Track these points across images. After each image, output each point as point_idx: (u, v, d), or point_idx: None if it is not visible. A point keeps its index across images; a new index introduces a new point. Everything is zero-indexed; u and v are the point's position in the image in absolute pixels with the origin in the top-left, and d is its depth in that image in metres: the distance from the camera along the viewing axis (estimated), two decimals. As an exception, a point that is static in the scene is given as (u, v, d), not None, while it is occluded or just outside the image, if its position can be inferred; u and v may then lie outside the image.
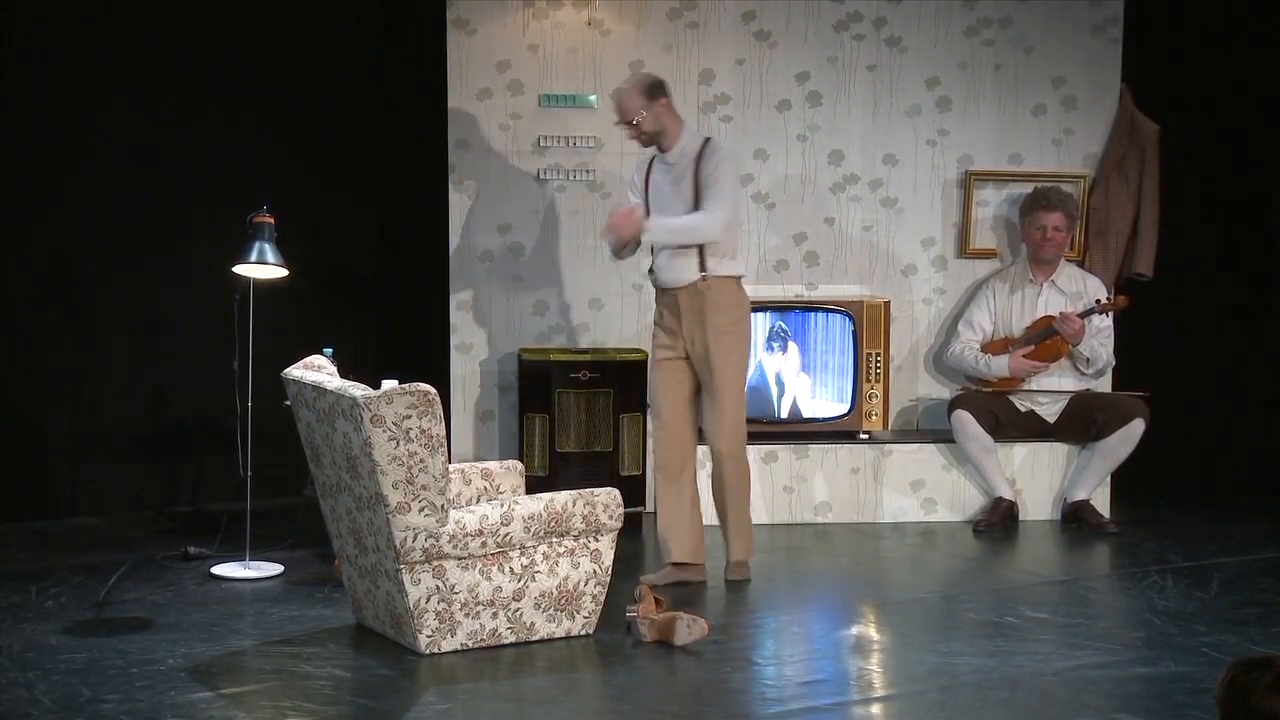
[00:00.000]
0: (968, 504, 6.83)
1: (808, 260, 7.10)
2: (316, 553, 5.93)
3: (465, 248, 6.94)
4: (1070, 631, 5.15)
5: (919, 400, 7.17)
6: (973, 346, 6.87)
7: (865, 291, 7.07)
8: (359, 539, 4.83)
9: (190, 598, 5.44)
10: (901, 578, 5.96)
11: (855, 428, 6.83)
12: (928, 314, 7.18)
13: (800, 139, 7.05)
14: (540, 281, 6.99)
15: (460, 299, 6.96)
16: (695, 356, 5.57)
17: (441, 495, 4.63)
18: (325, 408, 4.74)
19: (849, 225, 7.11)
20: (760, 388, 6.79)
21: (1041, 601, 5.51)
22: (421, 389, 4.60)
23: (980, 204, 7.14)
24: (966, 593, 5.63)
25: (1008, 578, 5.95)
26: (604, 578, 4.94)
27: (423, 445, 4.59)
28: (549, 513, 4.83)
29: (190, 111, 6.79)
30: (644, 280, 6.98)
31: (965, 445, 6.71)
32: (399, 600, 4.73)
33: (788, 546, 6.43)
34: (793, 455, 6.79)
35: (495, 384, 6.97)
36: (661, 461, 5.56)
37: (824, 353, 6.86)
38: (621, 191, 7.00)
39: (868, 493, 6.81)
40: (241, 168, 6.79)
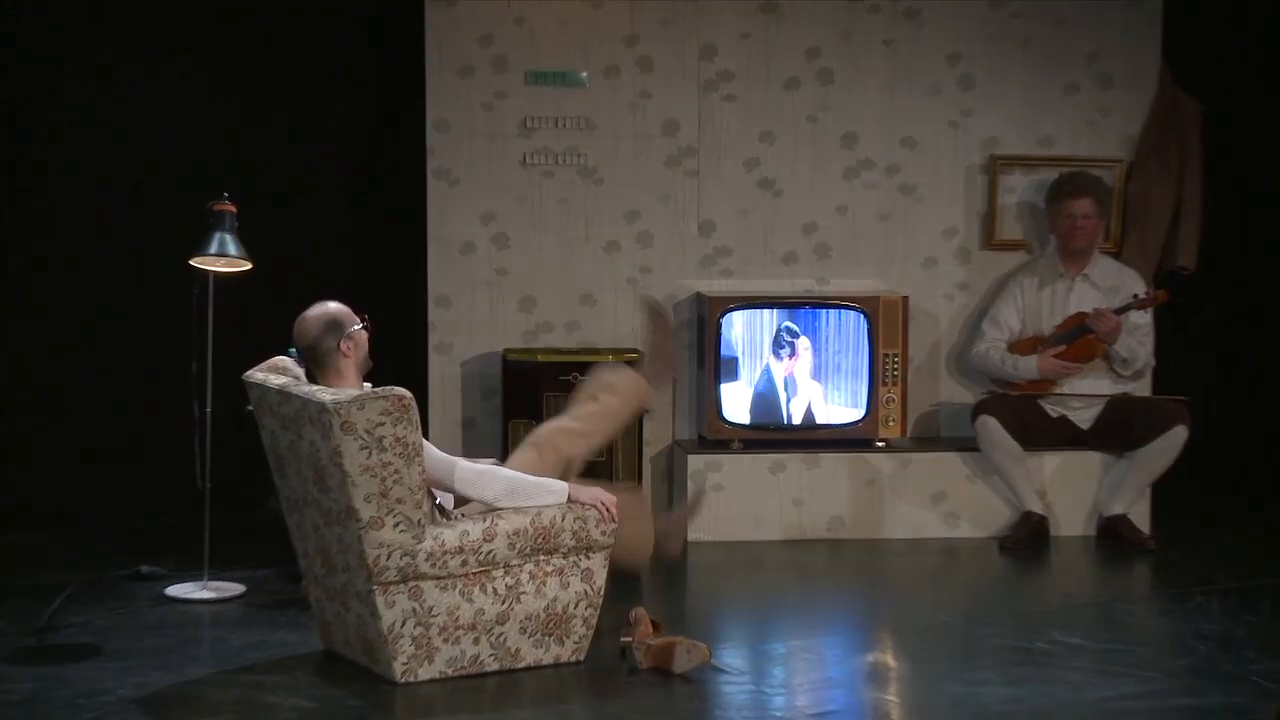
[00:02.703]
0: (993, 518, 6.82)
1: (818, 253, 7.09)
2: (281, 572, 5.91)
3: (444, 239, 6.92)
4: (1106, 658, 5.13)
5: (940, 405, 7.16)
6: (999, 346, 6.86)
7: (881, 286, 7.06)
8: (328, 557, 4.81)
9: (142, 621, 5.42)
10: (921, 599, 5.95)
11: (870, 435, 6.82)
12: (949, 311, 7.17)
13: (810, 120, 7.04)
14: (527, 275, 6.97)
15: (439, 294, 6.94)
16: None
17: (418, 509, 4.61)
18: (290, 413, 4.71)
19: (863, 214, 7.10)
20: (767, 393, 6.78)
21: (1075, 625, 5.49)
22: (396, 393, 4.58)
23: (1007, 191, 7.13)
24: (992, 616, 5.62)
25: (1038, 599, 5.94)
26: (596, 599, 4.92)
27: (398, 455, 4.57)
28: (536, 528, 4.81)
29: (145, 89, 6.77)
30: (640, 275, 6.98)
31: (991, 454, 6.70)
32: (371, 624, 4.70)
33: (797, 564, 6.42)
34: (802, 465, 6.78)
35: (477, 387, 6.95)
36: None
37: (836, 353, 6.85)
38: (615, 176, 6.99)
39: (884, 506, 6.80)
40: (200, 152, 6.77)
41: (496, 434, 6.83)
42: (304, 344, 4.77)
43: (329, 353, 4.76)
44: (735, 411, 6.76)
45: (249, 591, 5.76)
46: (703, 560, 6.29)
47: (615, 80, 6.94)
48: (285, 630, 5.32)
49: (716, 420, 6.74)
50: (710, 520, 6.73)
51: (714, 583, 5.62)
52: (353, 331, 4.81)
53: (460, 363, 6.96)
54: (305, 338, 4.77)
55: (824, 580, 6.25)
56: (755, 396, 6.79)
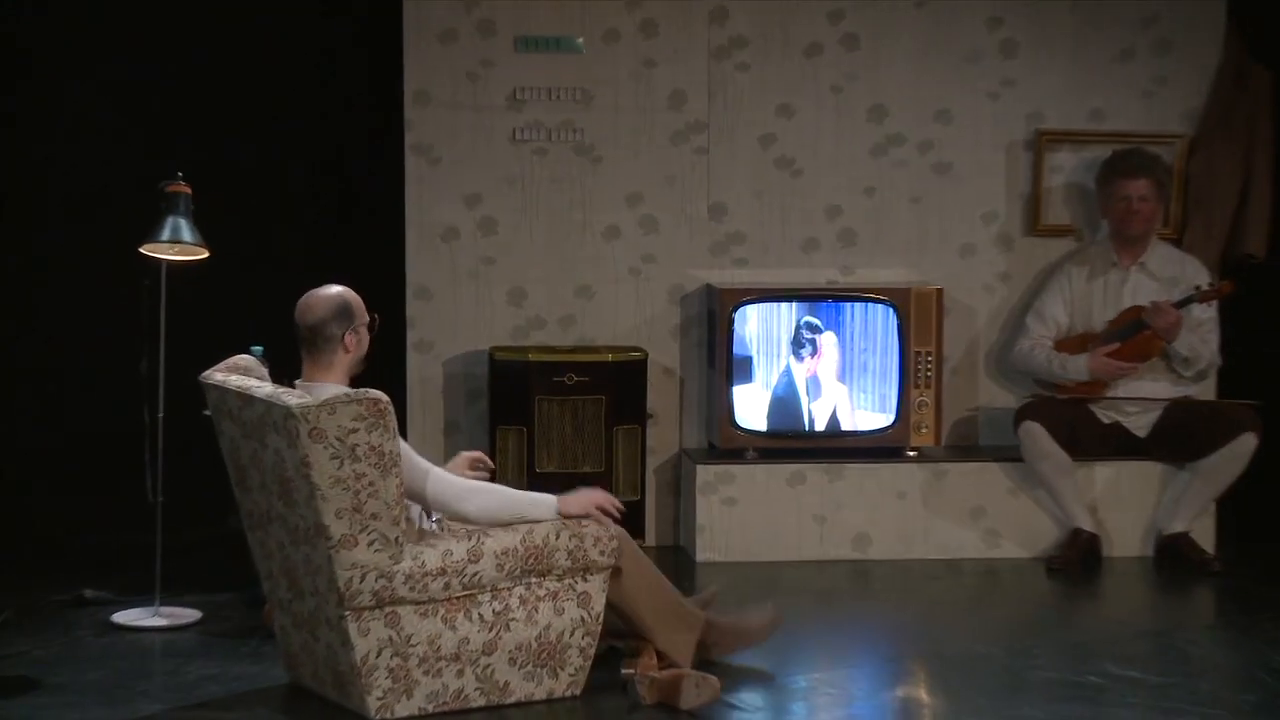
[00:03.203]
0: (1039, 537, 6.82)
1: (843, 239, 7.09)
2: (242, 597, 5.91)
3: (424, 224, 6.93)
4: (1165, 693, 5.13)
5: (979, 410, 7.16)
6: (1045, 344, 6.86)
7: (913, 277, 7.06)
8: (294, 580, 4.81)
9: (87, 651, 5.41)
10: (958, 627, 5.94)
11: (901, 443, 6.82)
12: (989, 304, 7.17)
13: (834, 91, 7.04)
14: (516, 265, 6.97)
15: (418, 286, 6.95)
16: None
17: (395, 526, 4.62)
18: (253, 419, 4.72)
19: (893, 196, 7.10)
20: (787, 397, 6.78)
21: (1130, 656, 5.49)
22: (371, 396, 4.58)
23: (1053, 170, 7.13)
24: (1038, 645, 5.62)
25: (1089, 627, 5.94)
26: (594, 627, 4.92)
27: (372, 465, 4.57)
28: (527, 547, 4.81)
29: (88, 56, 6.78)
30: (643, 265, 6.98)
31: (1036, 465, 6.70)
32: (343, 655, 4.71)
33: (818, 588, 6.41)
34: (825, 476, 6.78)
35: (461, 390, 6.96)
36: None
37: (862, 352, 6.84)
38: (616, 154, 6.99)
39: (917, 522, 6.80)
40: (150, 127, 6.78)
41: (483, 442, 6.83)
42: (305, 322, 4.77)
43: (329, 340, 4.77)
44: (750, 416, 6.76)
45: (206, 618, 5.76)
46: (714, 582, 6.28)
47: (615, 47, 6.94)
48: (247, 662, 5.31)
49: (729, 426, 6.74)
50: (721, 538, 6.73)
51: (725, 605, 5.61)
52: (360, 326, 4.83)
53: (442, 362, 6.96)
54: (310, 316, 4.78)
55: (848, 606, 6.25)
56: (773, 400, 6.78)
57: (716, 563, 6.68)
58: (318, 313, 4.78)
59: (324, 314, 4.77)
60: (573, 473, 6.62)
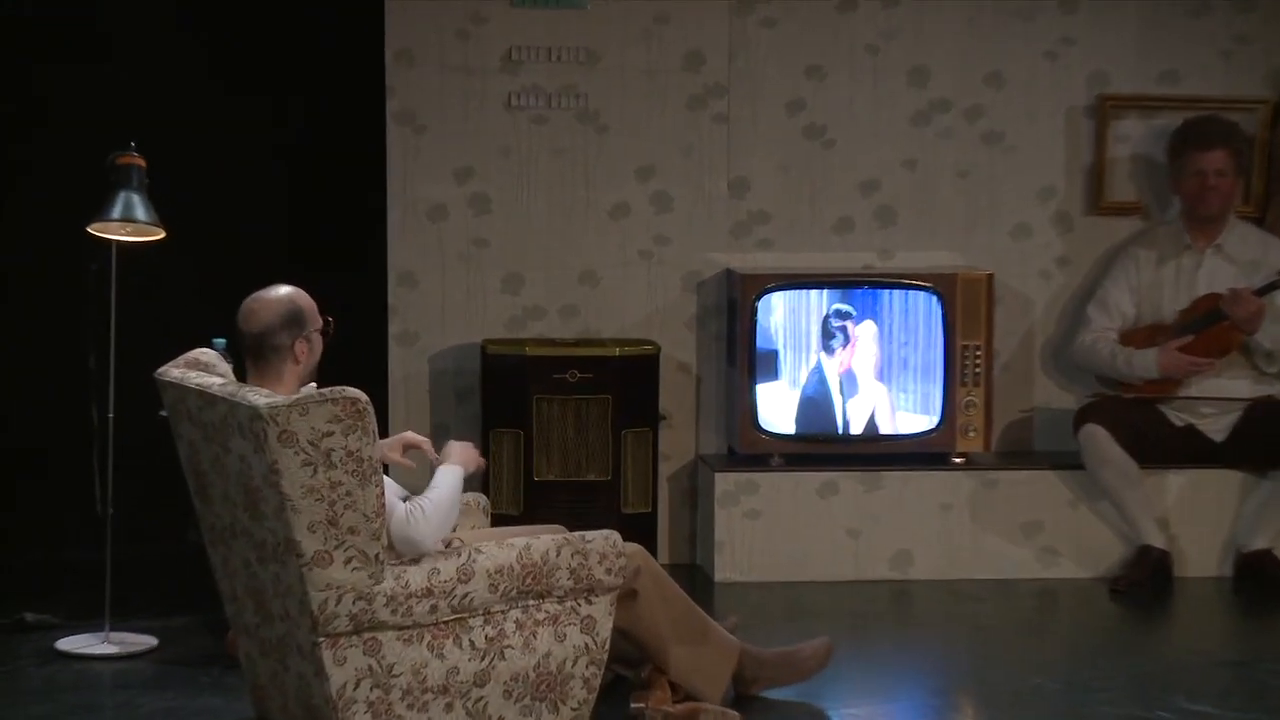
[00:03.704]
0: (1102, 554, 6.81)
1: (880, 218, 7.08)
2: (202, 620, 5.91)
3: (408, 201, 6.92)
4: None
5: (1034, 411, 7.15)
6: (1109, 337, 6.85)
7: (959, 261, 7.05)
8: (261, 602, 4.80)
9: (28, 683, 5.41)
10: (1011, 656, 5.93)
11: (946, 448, 6.81)
12: (1046, 292, 7.16)
13: (870, 51, 7.03)
14: (512, 247, 6.97)
15: (402, 271, 6.94)
16: None
17: (376, 541, 4.61)
18: (215, 421, 4.71)
19: (937, 170, 7.09)
20: (818, 396, 6.77)
21: (1205, 690, 5.49)
22: (348, 395, 4.57)
23: (1119, 140, 7.12)
24: (1101, 677, 5.61)
25: (1158, 657, 5.94)
26: (599, 655, 4.91)
27: (350, 472, 4.56)
28: (524, 565, 4.81)
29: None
30: (655, 247, 6.97)
31: (1099, 473, 6.69)
32: (317, 686, 4.70)
33: (853, 611, 6.40)
34: (860, 486, 6.76)
35: (450, 388, 6.95)
36: None
37: (903, 345, 6.84)
38: (624, 122, 6.97)
39: (964, 538, 6.79)
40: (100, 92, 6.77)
41: (474, 447, 6.84)
42: (250, 330, 4.74)
43: (277, 350, 4.75)
44: (775, 418, 6.75)
45: (161, 645, 5.75)
46: (734, 606, 6.28)
47: (624, 0, 6.93)
48: (208, 694, 5.31)
49: (751, 429, 6.73)
50: (743, 556, 6.72)
51: (749, 634, 5.60)
52: (312, 333, 4.80)
53: (428, 357, 6.95)
54: (254, 323, 4.75)
55: (887, 632, 6.24)
56: (802, 400, 6.77)
57: (737, 583, 6.67)
58: (264, 319, 4.75)
59: (271, 320, 4.74)
60: (575, 481, 6.62)
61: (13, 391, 6.87)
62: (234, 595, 4.92)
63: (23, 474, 6.86)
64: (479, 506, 5.39)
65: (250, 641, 4.92)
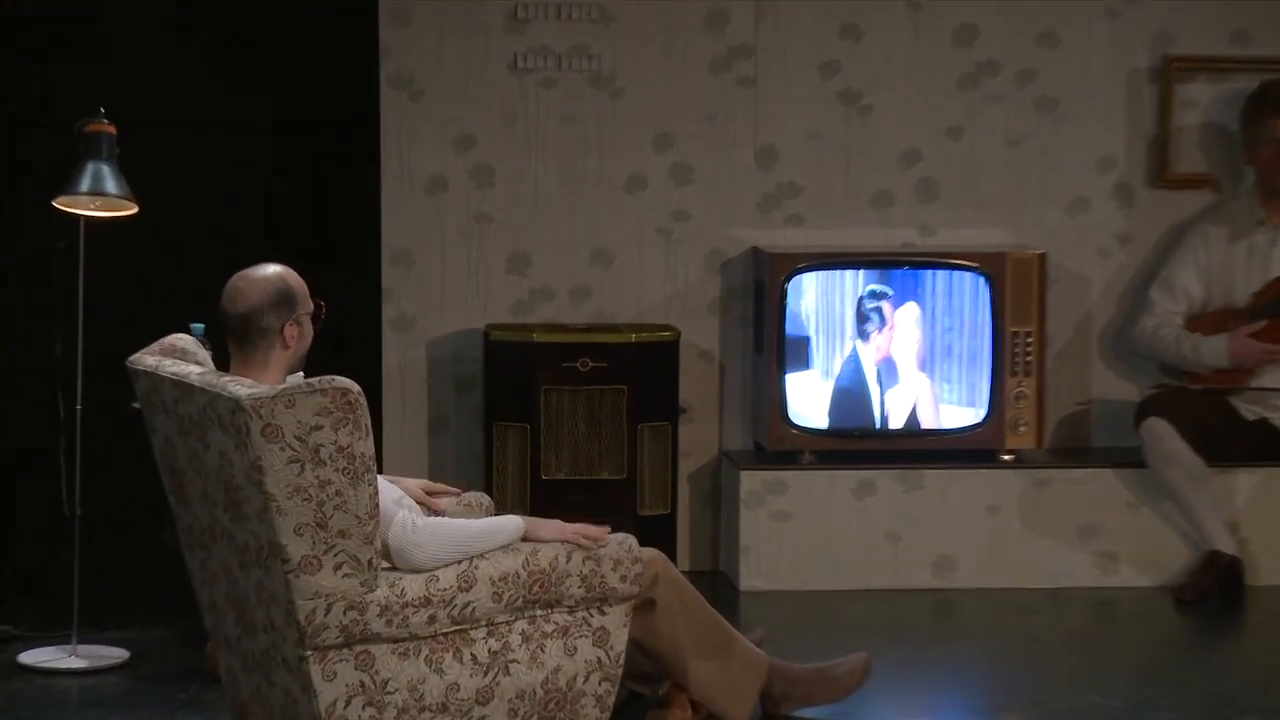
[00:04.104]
0: (1166, 560, 6.81)
1: (922, 192, 7.07)
2: (178, 632, 5.92)
3: (404, 172, 6.93)
4: (1324, 754, 5.13)
5: (1090, 404, 7.15)
6: (1174, 322, 6.84)
7: (1009, 239, 7.04)
8: (244, 612, 4.81)
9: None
10: (1066, 672, 5.93)
11: (994, 444, 6.81)
12: (1104, 272, 7.15)
13: (911, 7, 7.03)
14: (518, 223, 6.97)
15: (397, 249, 6.95)
16: None
17: (369, 546, 4.61)
18: (193, 413, 4.71)
19: (985, 139, 7.08)
20: (853, 387, 6.76)
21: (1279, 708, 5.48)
22: (338, 386, 4.57)
23: (1186, 106, 7.12)
24: (1165, 695, 5.61)
25: (1228, 672, 5.94)
26: (613, 670, 4.92)
27: (340, 470, 4.56)
28: (531, 572, 4.81)
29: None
30: (674, 223, 6.97)
31: (1163, 471, 6.69)
32: (304, 704, 4.71)
33: (892, 623, 6.41)
34: (900, 486, 6.76)
35: (449, 378, 6.96)
36: None
37: (946, 331, 6.83)
38: (641, 86, 6.96)
39: (1013, 543, 6.79)
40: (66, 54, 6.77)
41: (475, 443, 6.83)
42: (236, 310, 4.74)
43: (265, 333, 4.75)
44: (807, 411, 6.74)
45: (134, 659, 5.76)
46: (762, 617, 6.28)
47: (641, -48, 6.95)
48: (185, 712, 5.31)
49: (780, 424, 6.73)
50: (771, 562, 6.72)
51: (777, 647, 5.60)
52: (303, 316, 4.80)
53: (426, 344, 6.96)
54: (241, 303, 4.75)
55: (929, 646, 6.24)
56: (836, 391, 6.77)
57: (764, 592, 6.67)
58: (251, 298, 4.75)
59: (259, 300, 4.74)
60: (587, 480, 6.62)
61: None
62: (213, 604, 4.93)
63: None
64: (481, 506, 5.39)
65: (231, 655, 4.93)
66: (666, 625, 4.99)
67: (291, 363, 4.84)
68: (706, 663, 5.05)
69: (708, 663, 5.06)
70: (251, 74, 7.19)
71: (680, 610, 5.01)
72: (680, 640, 5.02)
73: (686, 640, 5.02)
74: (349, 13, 6.99)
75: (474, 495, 5.40)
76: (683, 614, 5.01)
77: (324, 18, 7.15)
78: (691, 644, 5.03)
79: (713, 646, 5.07)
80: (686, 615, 5.02)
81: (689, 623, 5.02)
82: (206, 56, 7.16)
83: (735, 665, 5.11)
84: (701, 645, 5.04)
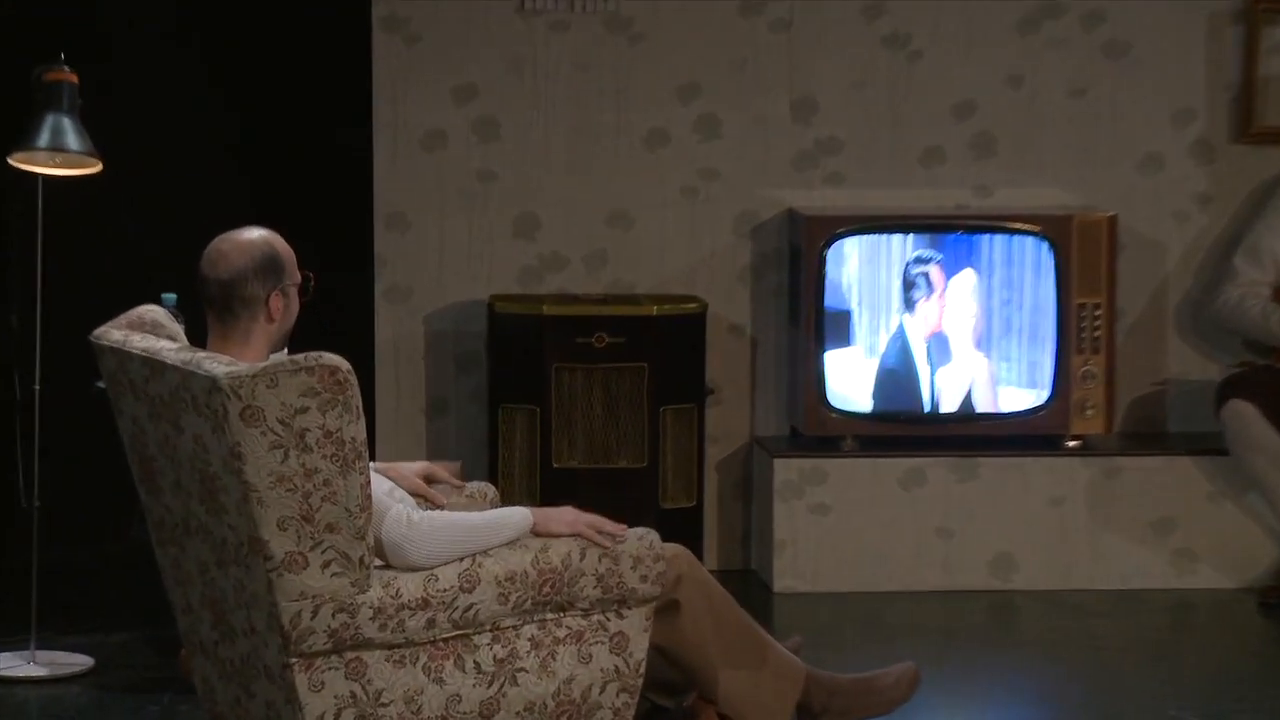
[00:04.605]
0: (1250, 559, 6.82)
1: (976, 148, 7.08)
2: (148, 636, 5.94)
3: (399, 126, 6.93)
4: None
5: (1166, 384, 7.16)
6: (1260, 293, 6.84)
7: (1075, 200, 7.04)
8: (221, 614, 4.83)
9: (-61, 713, 5.45)
10: (1138, 683, 5.94)
11: (1059, 429, 6.82)
12: (1182, 238, 7.15)
13: (966, -59, 7.04)
14: (526, 182, 6.98)
15: (391, 212, 6.96)
16: None
17: (360, 541, 4.62)
18: (164, 394, 4.72)
19: (1047, 87, 7.08)
20: (899, 366, 6.77)
21: (1377, 724, 5.50)
22: (326, 364, 4.58)
23: (1273, 53, 7.11)
24: (1248, 708, 5.61)
25: (1319, 684, 5.95)
26: (633, 680, 4.93)
27: (328, 457, 4.57)
28: (541, 571, 4.82)
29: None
30: (701, 183, 6.97)
31: (1248, 459, 6.69)
32: (288, 716, 4.72)
33: (944, 628, 6.42)
34: (953, 475, 6.78)
35: (450, 355, 6.98)
36: None
37: (1004, 303, 6.84)
38: (663, 30, 6.96)
39: (1079, 539, 6.80)
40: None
41: (479, 427, 6.85)
42: (217, 276, 4.76)
43: (249, 304, 4.76)
44: (848, 393, 6.76)
45: (100, 666, 5.77)
46: (799, 621, 6.29)
47: (663, -120, 6.96)
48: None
49: (819, 406, 6.74)
50: (808, 560, 6.73)
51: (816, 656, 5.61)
52: (290, 286, 4.81)
53: (423, 317, 6.98)
54: (223, 268, 4.76)
55: (986, 654, 6.25)
56: (881, 370, 6.78)
57: (801, 594, 6.69)
58: (235, 264, 4.76)
59: (243, 266, 4.75)
60: (603, 469, 6.63)
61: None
62: (188, 606, 4.95)
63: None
64: (485, 498, 5.40)
65: (207, 663, 4.95)
66: (692, 630, 5.00)
67: (275, 338, 4.85)
68: (736, 672, 5.07)
69: (738, 672, 5.07)
70: (230, 16, 7.19)
71: (707, 613, 5.02)
72: (707, 647, 5.03)
73: (714, 647, 5.03)
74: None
75: (477, 486, 5.41)
76: (710, 617, 5.03)
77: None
78: (720, 651, 5.04)
79: (743, 654, 5.08)
80: (714, 619, 5.04)
81: (717, 627, 5.04)
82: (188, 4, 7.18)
83: (768, 675, 5.12)
84: (731, 653, 5.06)
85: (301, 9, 7.19)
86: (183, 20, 7.15)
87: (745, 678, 5.07)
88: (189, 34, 7.14)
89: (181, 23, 7.15)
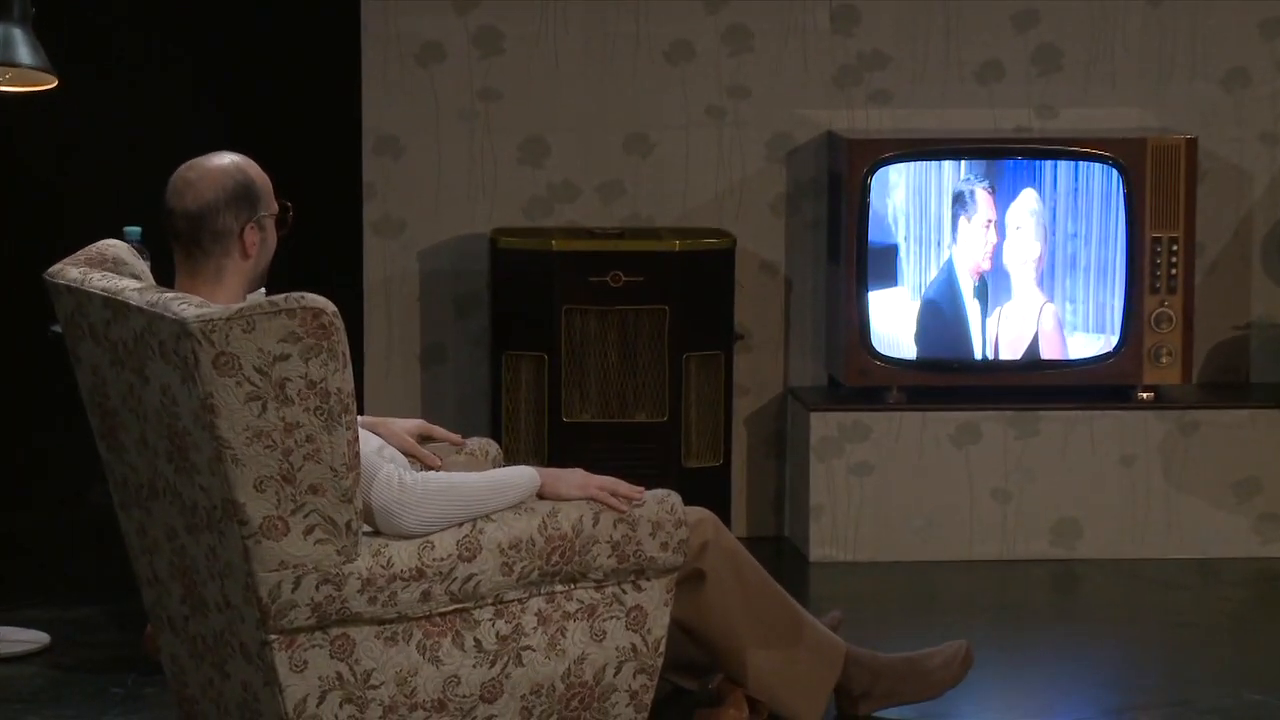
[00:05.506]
0: (1343, 525, 6.83)
1: (1038, 62, 7.08)
2: (110, 611, 5.96)
3: (389, 38, 6.94)
4: None
5: (1250, 328, 7.17)
6: (1356, 226, 6.84)
7: (1150, 121, 7.04)
8: (192, 586, 4.84)
9: (-122, 694, 5.48)
10: (1217, 663, 5.95)
11: (1130, 379, 6.83)
12: (1270, 164, 7.15)
13: None
14: (534, 102, 6.99)
15: (381, 135, 6.97)
16: None
17: (347, 505, 4.63)
18: (128, 340, 4.73)
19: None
20: (945, 305, 6.77)
21: None
22: (309, 305, 4.58)
23: (1372, -46, 7.11)
24: (1341, 693, 5.64)
25: None
26: (651, 660, 4.94)
27: (312, 410, 4.58)
28: (548, 538, 4.83)
29: None
30: (729, 102, 6.96)
31: (1340, 414, 6.70)
32: (267, 700, 4.74)
33: (1002, 603, 6.45)
34: (1010, 431, 6.79)
35: (448, 295, 6.99)
36: None
37: (1070, 238, 6.84)
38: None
39: (1153, 502, 6.81)
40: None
41: (481, 375, 6.87)
42: (184, 207, 4.76)
43: (219, 237, 4.76)
44: (894, 338, 6.77)
45: (56, 645, 5.80)
46: (840, 593, 6.31)
47: None
48: (118, 710, 5.35)
49: (861, 354, 6.75)
50: (848, 526, 6.74)
51: (857, 634, 5.63)
52: (266, 218, 4.81)
53: (418, 253, 6.99)
54: (192, 198, 4.76)
55: (1048, 631, 6.26)
56: (927, 311, 6.77)
57: (841, 563, 6.71)
58: (204, 193, 4.76)
59: (214, 196, 4.75)
60: (619, 423, 6.64)
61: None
62: (154, 577, 4.97)
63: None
64: (487, 456, 5.41)
65: (177, 640, 4.97)
66: (718, 604, 5.01)
67: (251, 276, 4.86)
68: (768, 651, 5.08)
69: (769, 651, 5.08)
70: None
71: (735, 585, 5.04)
72: (735, 623, 5.04)
73: (743, 623, 5.05)
74: None
75: (478, 442, 5.42)
76: (738, 590, 5.04)
77: None
78: (749, 627, 5.06)
79: (775, 631, 5.09)
80: (743, 591, 5.05)
81: (745, 601, 5.05)
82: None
83: (803, 654, 5.13)
84: (761, 629, 5.07)
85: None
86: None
87: (778, 657, 5.08)
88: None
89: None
